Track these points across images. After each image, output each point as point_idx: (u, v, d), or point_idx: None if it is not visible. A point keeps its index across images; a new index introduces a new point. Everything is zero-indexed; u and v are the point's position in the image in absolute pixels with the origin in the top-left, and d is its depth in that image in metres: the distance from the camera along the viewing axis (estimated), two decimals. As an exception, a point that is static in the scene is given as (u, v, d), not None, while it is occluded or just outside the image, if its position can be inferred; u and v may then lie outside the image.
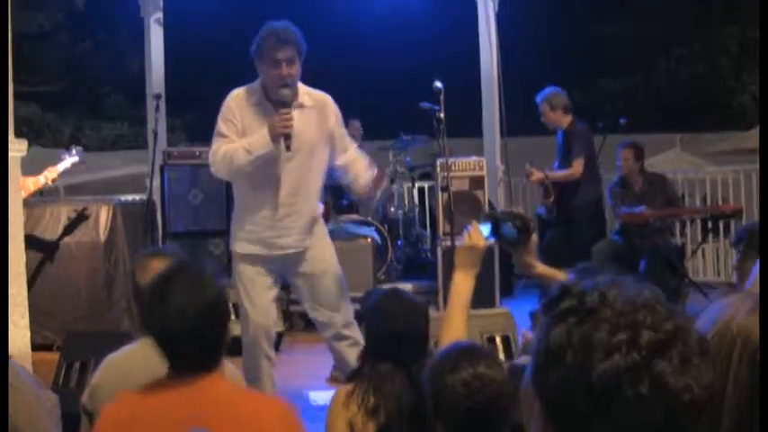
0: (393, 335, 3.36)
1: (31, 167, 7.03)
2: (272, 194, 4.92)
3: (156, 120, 8.45)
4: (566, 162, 8.56)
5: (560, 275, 3.38)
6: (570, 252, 8.36)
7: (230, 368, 3.38)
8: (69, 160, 7.37)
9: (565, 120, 8.59)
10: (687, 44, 19.78)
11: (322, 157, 5.04)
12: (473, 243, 3.31)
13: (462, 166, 8.34)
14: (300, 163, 4.94)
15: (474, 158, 8.54)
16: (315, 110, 4.99)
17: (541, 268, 3.42)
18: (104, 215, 7.87)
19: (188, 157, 9.11)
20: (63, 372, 5.46)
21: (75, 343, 5.71)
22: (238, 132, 4.88)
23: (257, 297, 4.99)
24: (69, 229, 7.72)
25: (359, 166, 5.16)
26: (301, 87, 4.98)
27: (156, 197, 8.51)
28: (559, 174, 8.52)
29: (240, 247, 5.05)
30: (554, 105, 8.58)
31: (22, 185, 7.05)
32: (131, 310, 7.65)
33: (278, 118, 4.73)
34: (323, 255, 5.09)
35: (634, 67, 20.21)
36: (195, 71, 16.86)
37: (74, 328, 6.98)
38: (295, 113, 4.86)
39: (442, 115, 7.08)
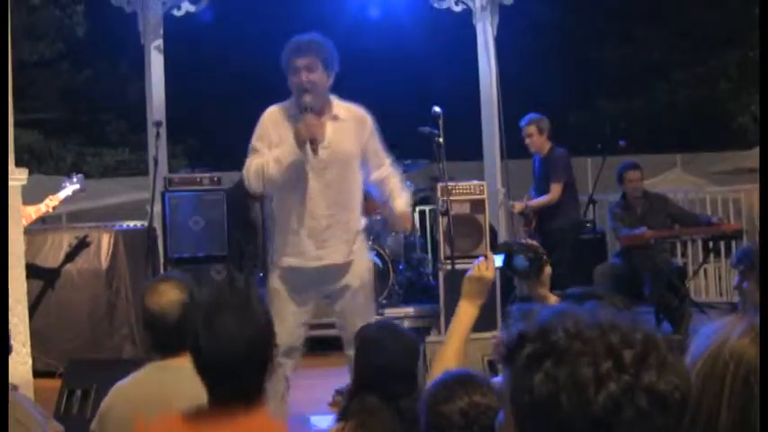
0: (381, 367, 3.33)
1: (32, 195, 7.05)
2: (310, 206, 4.92)
3: (157, 147, 8.47)
4: (544, 187, 8.62)
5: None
6: (564, 273, 8.37)
7: None
8: (70, 188, 7.38)
9: (546, 145, 8.72)
10: (687, 67, 19.84)
11: (358, 170, 5.08)
12: (482, 274, 3.27)
13: (463, 190, 8.35)
14: (337, 174, 4.95)
15: (475, 182, 8.56)
16: (351, 122, 5.01)
17: (554, 300, 3.37)
18: (106, 242, 7.89)
19: (189, 183, 9.13)
20: (65, 399, 5.46)
21: (76, 370, 5.71)
22: (271, 146, 4.90)
23: (286, 315, 4.95)
24: (71, 256, 7.73)
25: (393, 183, 5.22)
26: (336, 101, 5.02)
27: (158, 224, 8.51)
28: (539, 201, 8.61)
29: (280, 260, 5.04)
30: (541, 129, 8.70)
31: (23, 214, 7.07)
32: (134, 336, 7.66)
33: (302, 122, 4.75)
34: (361, 270, 5.09)
35: (634, 89, 20.26)
36: (196, 97, 16.92)
37: (75, 355, 6.98)
38: (329, 124, 4.91)
39: (441, 139, 7.10)
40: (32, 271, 7.38)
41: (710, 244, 8.76)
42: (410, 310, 8.69)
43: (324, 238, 4.96)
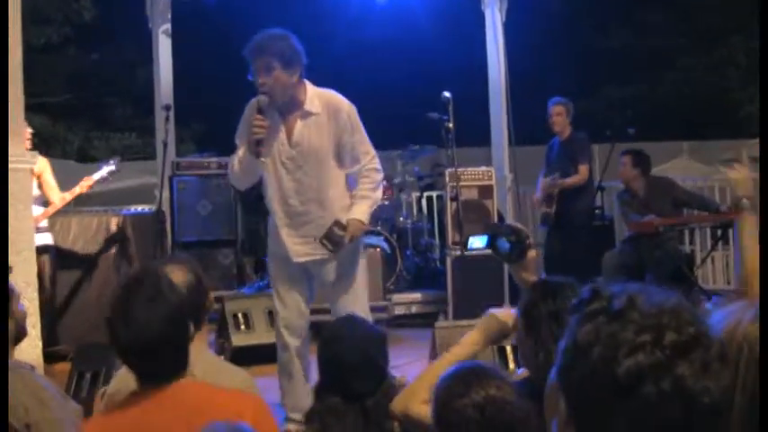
0: (341, 364, 3.19)
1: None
2: (286, 204, 4.97)
3: (166, 130, 8.46)
4: (563, 169, 8.57)
5: None
6: (569, 259, 8.38)
7: (242, 374, 3.39)
8: (106, 169, 7.44)
9: (568, 128, 8.70)
10: (695, 55, 19.75)
11: (335, 165, 5.01)
12: (503, 320, 3.09)
13: (471, 176, 8.36)
14: (309, 171, 4.94)
15: (483, 168, 8.56)
16: (324, 115, 4.95)
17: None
18: (114, 226, 7.89)
19: (197, 167, 9.14)
20: (74, 382, 5.48)
21: (86, 353, 5.73)
22: (243, 142, 4.96)
23: (287, 295, 5.08)
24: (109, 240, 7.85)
25: (361, 188, 5.08)
26: (312, 92, 4.95)
27: (165, 208, 8.52)
28: (572, 179, 8.50)
29: (276, 249, 5.13)
30: (568, 111, 8.67)
31: (60, 196, 7.15)
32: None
33: (251, 125, 4.80)
34: (341, 264, 5.06)
35: (641, 76, 20.16)
36: (203, 82, 16.89)
37: (85, 338, 6.99)
38: (298, 122, 4.90)
39: (450, 125, 7.11)
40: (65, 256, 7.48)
41: (719, 231, 8.73)
42: (418, 295, 8.70)
43: (301, 235, 5.00)
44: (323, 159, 4.96)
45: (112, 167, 7.46)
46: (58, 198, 7.26)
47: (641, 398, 1.30)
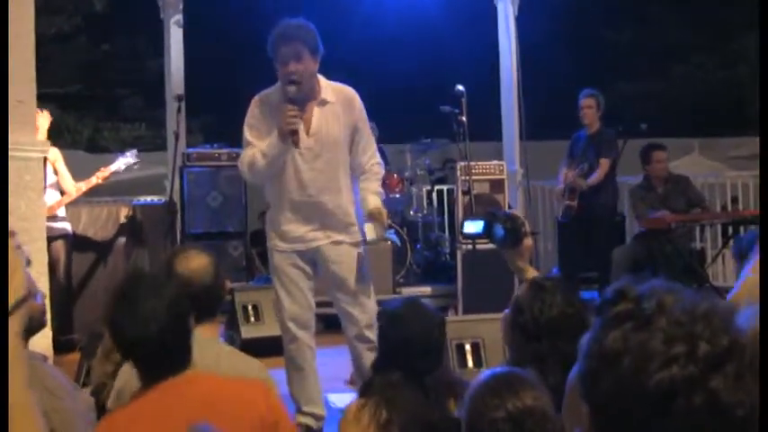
0: (405, 342, 3.29)
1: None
2: (302, 193, 4.91)
3: (178, 121, 8.43)
4: (590, 163, 8.50)
5: None
6: (589, 254, 8.35)
7: (256, 363, 3.37)
8: (122, 161, 7.46)
9: (597, 122, 8.59)
10: (706, 51, 19.71)
11: (347, 153, 5.01)
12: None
13: (482, 170, 8.33)
14: (327, 161, 4.91)
15: (494, 162, 8.53)
16: (339, 105, 4.94)
17: (532, 274, 3.32)
18: (124, 216, 7.89)
19: (207, 158, 9.13)
20: (84, 372, 5.47)
21: (95, 343, 5.72)
22: (261, 136, 4.88)
23: (292, 286, 5.01)
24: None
25: (368, 182, 5.08)
26: (324, 82, 4.94)
27: (176, 199, 8.51)
28: (597, 177, 8.40)
29: (276, 245, 5.05)
30: (599, 105, 8.59)
31: (75, 186, 7.17)
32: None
33: (282, 115, 4.72)
34: (350, 251, 5.04)
35: (653, 72, 20.13)
36: (213, 73, 16.89)
37: (94, 328, 6.99)
38: (315, 110, 4.86)
39: (463, 118, 7.08)
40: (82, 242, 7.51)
41: (730, 229, 8.71)
42: (428, 289, 8.68)
43: (316, 223, 4.95)
44: (338, 148, 4.95)
45: (130, 160, 7.46)
46: (71, 187, 7.28)
47: (673, 412, 1.24)
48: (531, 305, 3.02)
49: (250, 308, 7.28)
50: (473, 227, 3.72)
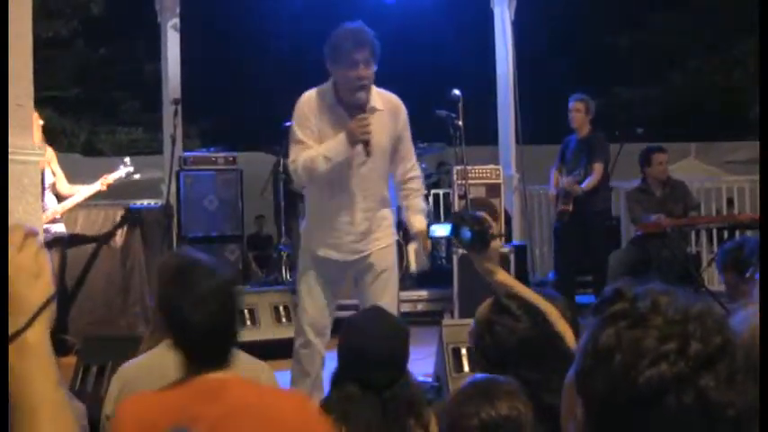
0: (361, 353, 3.17)
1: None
2: (350, 200, 4.86)
3: (175, 125, 8.43)
4: (579, 167, 8.52)
5: (520, 287, 3.28)
6: (584, 258, 8.36)
7: (260, 365, 3.38)
8: (124, 170, 7.49)
9: (587, 126, 8.60)
10: (703, 56, 19.75)
11: (388, 160, 4.99)
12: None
13: (479, 174, 8.35)
14: (373, 168, 4.87)
15: (491, 166, 8.55)
16: (386, 113, 4.90)
17: (502, 276, 3.24)
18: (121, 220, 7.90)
19: (204, 162, 9.14)
20: (80, 375, 5.47)
21: (92, 346, 5.73)
22: (314, 136, 4.81)
23: (318, 296, 4.96)
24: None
25: (413, 194, 5.09)
26: (373, 90, 4.89)
27: (172, 203, 8.52)
28: (591, 182, 8.40)
29: (317, 250, 4.97)
30: (588, 109, 8.59)
31: (73, 192, 7.18)
32: (147, 314, 7.67)
33: (356, 124, 4.66)
34: (390, 255, 5.04)
35: (649, 77, 20.17)
36: (210, 77, 16.91)
37: (90, 331, 7.00)
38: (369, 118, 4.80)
39: (460, 123, 7.09)
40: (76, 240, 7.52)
41: (725, 233, 8.73)
42: (424, 293, 8.69)
43: (360, 232, 4.91)
44: (383, 157, 4.91)
45: (130, 169, 7.49)
46: (67, 188, 7.31)
47: (662, 409, 1.25)
48: (491, 330, 2.91)
49: (246, 312, 7.27)
50: (441, 230, 3.71)
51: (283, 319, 7.36)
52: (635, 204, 8.43)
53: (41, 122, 7.10)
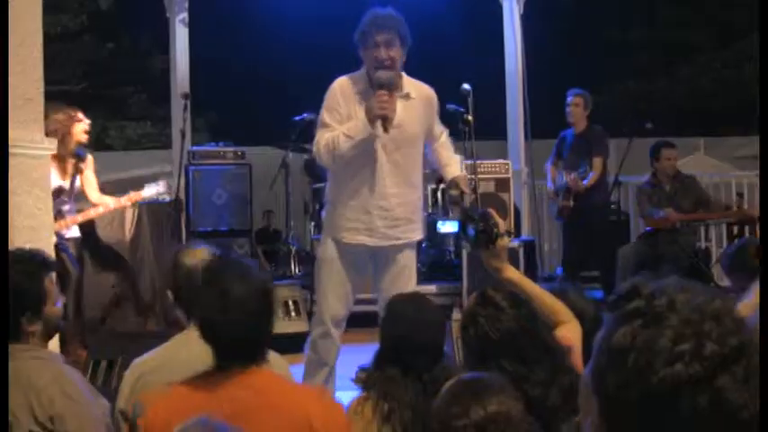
0: (403, 339, 3.28)
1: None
2: (380, 185, 4.88)
3: (184, 119, 8.42)
4: (577, 162, 8.51)
5: (528, 283, 3.28)
6: (591, 253, 8.35)
7: (276, 358, 3.38)
8: (155, 188, 7.36)
9: (584, 121, 8.63)
10: (712, 50, 19.68)
11: (422, 149, 5.07)
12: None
13: (488, 169, 8.34)
14: (405, 154, 4.92)
15: (500, 161, 8.54)
16: (419, 101, 4.96)
17: (510, 273, 3.27)
18: (130, 214, 7.92)
19: (212, 157, 9.14)
20: (90, 370, 5.48)
21: (102, 341, 5.74)
22: (341, 120, 4.83)
23: (339, 282, 4.98)
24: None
25: (447, 154, 5.21)
26: (406, 78, 4.96)
27: (181, 197, 8.53)
28: (594, 177, 8.40)
29: (345, 236, 4.97)
30: (586, 104, 8.61)
31: (101, 202, 7.07)
32: (156, 308, 7.68)
33: (374, 99, 4.68)
34: (414, 248, 5.11)
35: (658, 71, 20.10)
36: (218, 71, 16.90)
37: (98, 326, 7.02)
38: (399, 103, 4.82)
39: (470, 117, 7.07)
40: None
41: (735, 228, 8.71)
42: (433, 288, 8.67)
43: (394, 218, 4.93)
44: (416, 142, 4.98)
45: (161, 189, 7.40)
46: (96, 196, 7.18)
47: (677, 410, 1.24)
48: (475, 321, 2.98)
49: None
50: (448, 226, 3.72)
51: (293, 314, 7.37)
52: (644, 199, 8.42)
53: (88, 123, 7.06)
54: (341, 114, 4.84)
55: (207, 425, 2.17)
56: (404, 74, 4.96)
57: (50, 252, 5.13)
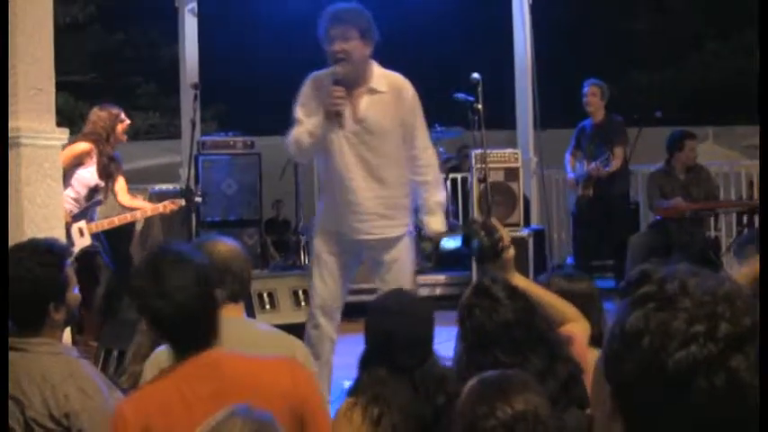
0: (388, 336, 3.16)
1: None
2: (348, 179, 4.89)
3: (194, 109, 8.41)
4: (596, 152, 8.49)
5: (536, 288, 3.26)
6: (603, 242, 8.34)
7: (289, 340, 3.45)
8: (194, 199, 7.30)
9: (602, 111, 8.61)
10: (721, 39, 19.64)
11: (399, 145, 4.97)
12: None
13: (497, 158, 8.33)
14: (372, 149, 4.89)
15: (509, 150, 8.53)
16: (390, 95, 4.91)
17: (516, 281, 3.24)
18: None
19: (222, 146, 9.13)
20: (101, 359, 5.51)
21: (113, 331, 5.76)
22: (311, 115, 4.87)
23: (326, 274, 4.99)
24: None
25: (429, 190, 5.07)
26: (378, 71, 4.92)
27: (191, 187, 8.52)
28: (613, 167, 8.39)
29: (322, 224, 5.06)
30: (604, 94, 8.61)
31: (139, 206, 7.02)
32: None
33: (327, 95, 4.73)
34: (399, 247, 5.01)
35: (667, 60, 20.07)
36: (227, 61, 16.91)
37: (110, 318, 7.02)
38: (364, 98, 4.83)
39: (479, 106, 7.06)
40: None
41: (745, 218, 8.68)
42: (442, 277, 8.69)
43: (363, 212, 4.92)
44: (386, 138, 4.92)
45: (199, 199, 7.37)
46: (127, 200, 7.11)
47: (693, 392, 1.23)
48: (471, 313, 2.96)
49: (266, 295, 7.30)
50: (452, 243, 3.71)
51: (302, 303, 7.37)
52: (655, 188, 8.38)
53: (127, 122, 7.04)
54: (310, 109, 4.89)
55: (247, 414, 2.18)
56: (377, 67, 4.93)
57: (63, 240, 5.15)
